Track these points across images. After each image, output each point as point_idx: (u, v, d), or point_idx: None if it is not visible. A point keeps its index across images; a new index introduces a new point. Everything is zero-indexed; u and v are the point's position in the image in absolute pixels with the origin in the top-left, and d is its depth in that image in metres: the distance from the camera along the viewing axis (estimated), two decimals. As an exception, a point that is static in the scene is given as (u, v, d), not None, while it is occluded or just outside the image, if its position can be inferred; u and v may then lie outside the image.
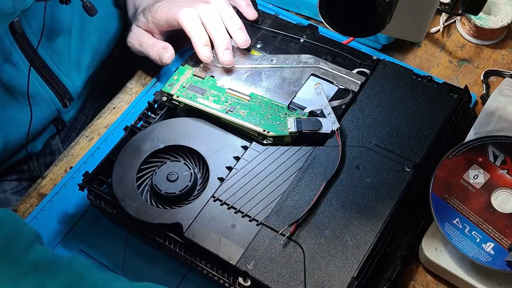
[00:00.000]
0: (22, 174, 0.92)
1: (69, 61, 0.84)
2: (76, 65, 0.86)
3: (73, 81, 0.85)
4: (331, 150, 0.71)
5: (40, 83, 0.82)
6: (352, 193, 0.68)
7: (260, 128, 0.73)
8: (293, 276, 0.63)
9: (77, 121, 0.97)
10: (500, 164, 0.69)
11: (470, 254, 0.65)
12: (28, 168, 0.92)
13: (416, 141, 0.71)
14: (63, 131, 0.95)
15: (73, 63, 0.85)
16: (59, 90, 0.84)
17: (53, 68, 0.83)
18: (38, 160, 0.93)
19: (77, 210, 0.76)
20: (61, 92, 0.84)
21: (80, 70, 0.86)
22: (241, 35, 0.80)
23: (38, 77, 0.81)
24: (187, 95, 0.77)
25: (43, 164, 0.93)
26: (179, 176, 0.72)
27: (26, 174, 0.92)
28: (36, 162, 0.93)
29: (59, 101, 0.85)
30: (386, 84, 0.76)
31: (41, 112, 0.84)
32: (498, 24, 0.85)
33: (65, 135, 0.96)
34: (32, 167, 0.93)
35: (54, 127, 0.90)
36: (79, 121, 0.97)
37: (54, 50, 0.82)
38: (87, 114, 0.99)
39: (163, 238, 0.69)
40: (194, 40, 0.79)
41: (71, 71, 0.85)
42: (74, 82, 0.85)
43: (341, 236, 0.65)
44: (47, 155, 0.94)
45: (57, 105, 0.85)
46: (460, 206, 0.68)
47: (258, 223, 0.67)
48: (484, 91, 0.83)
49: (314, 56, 0.80)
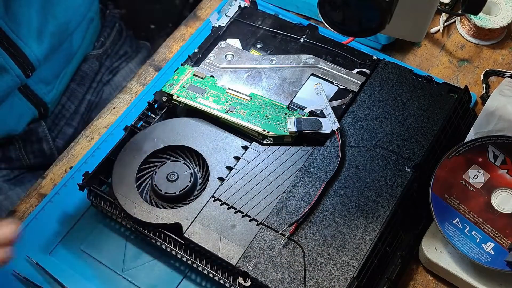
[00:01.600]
0: (11, 163, 0.92)
1: (28, 28, 0.83)
2: (37, 33, 0.85)
3: (32, 48, 0.84)
4: (331, 150, 0.71)
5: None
6: (352, 193, 0.68)
7: (260, 128, 0.73)
8: (293, 276, 0.63)
9: (65, 109, 0.96)
10: (500, 164, 0.69)
11: (470, 254, 0.65)
12: (16, 157, 0.92)
13: (416, 141, 0.71)
14: (50, 117, 0.94)
15: (33, 30, 0.84)
16: (17, 57, 0.83)
17: (10, 35, 0.81)
18: (26, 148, 0.92)
19: (77, 210, 0.76)
20: (19, 58, 0.83)
21: (42, 38, 0.85)
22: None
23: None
24: (187, 95, 0.77)
25: (30, 152, 0.93)
26: (179, 176, 0.72)
27: (16, 163, 0.92)
28: (24, 150, 0.92)
29: (18, 67, 0.83)
30: (386, 84, 0.76)
31: (2, 81, 0.82)
32: (498, 24, 0.85)
33: (52, 122, 0.95)
34: (20, 155, 0.92)
35: (34, 109, 0.90)
36: (67, 109, 0.97)
37: (12, 17, 0.81)
38: (78, 103, 0.98)
39: (163, 238, 0.69)
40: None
41: (30, 38, 0.84)
42: (33, 49, 0.84)
43: (341, 236, 0.65)
44: (34, 143, 0.93)
45: (15, 71, 0.83)
46: (460, 206, 0.68)
47: (258, 223, 0.67)
48: (484, 91, 0.83)
49: (314, 56, 0.80)
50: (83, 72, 0.97)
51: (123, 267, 0.72)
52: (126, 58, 1.04)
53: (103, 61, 1.01)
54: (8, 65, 0.82)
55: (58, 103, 0.95)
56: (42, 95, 0.89)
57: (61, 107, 0.96)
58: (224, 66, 0.81)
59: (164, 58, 0.90)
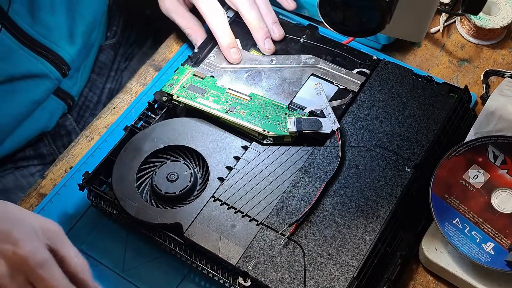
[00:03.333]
0: (44, 159, 0.93)
1: (59, 32, 0.87)
2: (68, 35, 0.88)
3: (66, 50, 0.87)
4: (331, 150, 0.71)
5: (33, 56, 0.84)
6: (352, 193, 0.68)
7: (260, 128, 0.73)
8: (293, 276, 0.63)
9: (88, 100, 0.98)
10: (500, 164, 0.69)
11: (470, 254, 0.65)
12: (48, 152, 0.94)
13: (416, 141, 0.71)
14: (75, 110, 0.96)
15: (64, 33, 0.87)
16: (55, 61, 0.86)
17: (44, 42, 0.85)
18: (56, 142, 0.94)
19: (77, 210, 0.76)
20: (56, 61, 0.86)
21: (74, 39, 0.89)
22: (277, 28, 0.83)
23: (30, 52, 0.84)
24: (187, 95, 0.77)
25: (61, 146, 0.94)
26: (179, 176, 0.72)
27: (48, 158, 0.94)
28: (54, 144, 0.94)
29: (56, 70, 0.87)
30: (386, 84, 0.76)
31: (42, 84, 0.86)
32: (498, 24, 0.85)
33: (77, 114, 0.97)
34: (51, 150, 0.94)
35: (64, 104, 0.92)
36: (91, 101, 0.99)
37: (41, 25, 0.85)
38: (99, 93, 1.00)
39: (163, 238, 0.69)
40: (222, 44, 0.81)
41: (63, 41, 0.87)
42: (68, 50, 0.88)
43: (341, 236, 0.65)
44: (64, 136, 0.95)
45: (54, 74, 0.86)
46: (460, 206, 0.68)
47: (258, 223, 0.67)
48: (484, 91, 0.83)
49: (314, 56, 0.80)
50: (101, 63, 1.00)
51: (123, 267, 0.72)
52: (138, 44, 1.07)
53: (117, 49, 1.03)
54: (48, 70, 0.86)
55: (81, 95, 0.98)
56: (69, 90, 0.92)
57: (84, 99, 0.98)
58: (224, 66, 0.81)
59: (164, 58, 0.90)
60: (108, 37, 1.02)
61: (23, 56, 0.83)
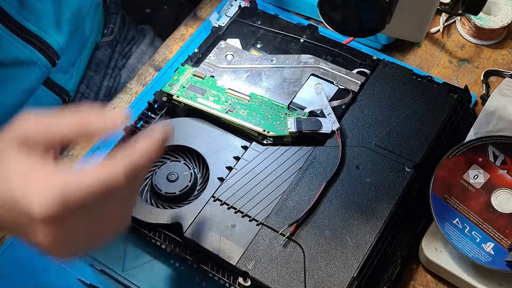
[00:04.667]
0: None
1: (46, 19, 0.86)
2: (55, 22, 0.87)
3: (53, 37, 0.86)
4: (331, 150, 0.71)
5: (21, 42, 0.83)
6: (352, 193, 0.68)
7: (260, 128, 0.73)
8: (293, 276, 0.63)
9: (85, 97, 0.98)
10: (500, 164, 0.69)
11: (470, 254, 0.65)
12: None
13: (416, 141, 0.71)
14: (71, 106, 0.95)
15: (51, 20, 0.86)
16: (42, 48, 0.85)
17: (32, 28, 0.83)
18: None
19: (77, 210, 0.76)
20: (43, 47, 0.85)
21: (60, 26, 0.88)
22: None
23: (18, 38, 0.82)
24: (187, 95, 0.77)
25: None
26: (179, 176, 0.72)
27: None
28: None
29: (44, 57, 0.85)
30: (386, 84, 0.76)
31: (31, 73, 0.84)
32: (498, 24, 0.85)
33: None
34: None
35: (59, 99, 0.91)
36: (87, 97, 0.98)
37: (29, 11, 0.83)
38: (96, 90, 1.00)
39: (163, 238, 0.69)
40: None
41: (50, 28, 0.86)
42: (55, 38, 0.86)
43: (341, 236, 0.65)
44: None
45: (42, 61, 0.85)
46: (460, 206, 0.68)
47: (258, 223, 0.67)
48: (484, 91, 0.83)
49: (314, 56, 0.80)
50: (98, 60, 0.99)
51: (123, 267, 0.72)
52: (135, 42, 1.06)
53: (114, 47, 1.03)
54: (36, 57, 0.84)
55: (78, 92, 0.97)
56: (63, 84, 0.91)
57: (81, 96, 0.97)
58: (224, 66, 0.81)
59: (164, 58, 0.90)
60: (105, 34, 1.01)
61: (10, 42, 0.81)
